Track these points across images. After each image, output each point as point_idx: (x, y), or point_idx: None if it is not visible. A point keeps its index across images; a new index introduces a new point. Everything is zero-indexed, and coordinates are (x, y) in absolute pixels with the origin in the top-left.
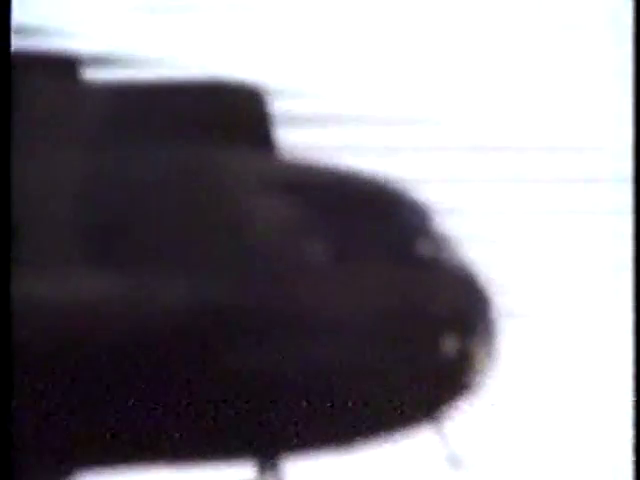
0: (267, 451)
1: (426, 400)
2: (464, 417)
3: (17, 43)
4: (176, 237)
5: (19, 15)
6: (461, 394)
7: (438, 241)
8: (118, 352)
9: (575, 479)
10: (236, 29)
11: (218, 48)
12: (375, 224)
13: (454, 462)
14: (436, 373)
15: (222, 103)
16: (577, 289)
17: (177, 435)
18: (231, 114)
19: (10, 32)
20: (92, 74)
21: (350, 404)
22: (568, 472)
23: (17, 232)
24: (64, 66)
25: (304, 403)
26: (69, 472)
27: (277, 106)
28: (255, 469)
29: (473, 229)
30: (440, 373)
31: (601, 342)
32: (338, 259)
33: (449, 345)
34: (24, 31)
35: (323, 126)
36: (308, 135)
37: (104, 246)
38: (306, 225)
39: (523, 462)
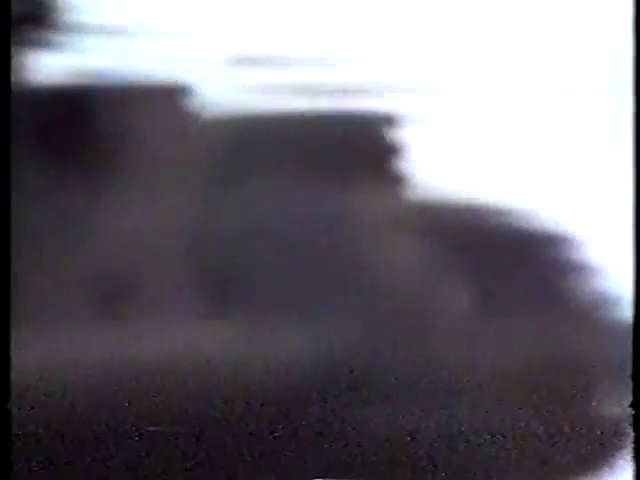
0: None
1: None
2: None
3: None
4: (298, 286)
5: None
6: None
7: (588, 278)
8: (231, 413)
9: None
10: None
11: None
12: (519, 267)
13: None
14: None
15: (352, 135)
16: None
17: None
18: (363, 147)
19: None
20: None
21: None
22: None
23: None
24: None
25: (432, 469)
26: None
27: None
28: None
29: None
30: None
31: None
32: (481, 310)
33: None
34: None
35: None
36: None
37: (221, 297)
38: (446, 271)
39: None
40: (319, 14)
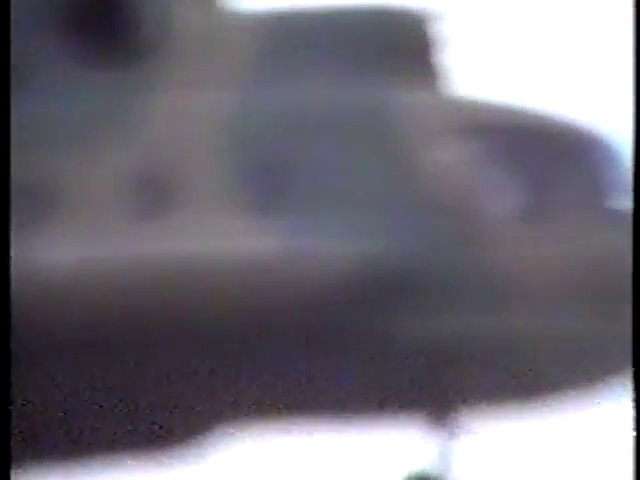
0: (443, 413)
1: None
2: None
3: None
4: (342, 181)
5: None
6: None
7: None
8: (288, 306)
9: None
10: None
11: None
12: (565, 171)
13: None
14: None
15: (387, 32)
16: None
17: (355, 391)
18: (398, 43)
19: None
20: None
21: (533, 369)
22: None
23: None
24: None
25: (485, 367)
26: None
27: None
28: (431, 431)
29: None
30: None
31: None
32: (529, 212)
33: None
34: None
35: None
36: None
37: (264, 192)
38: (492, 173)
39: None
40: None
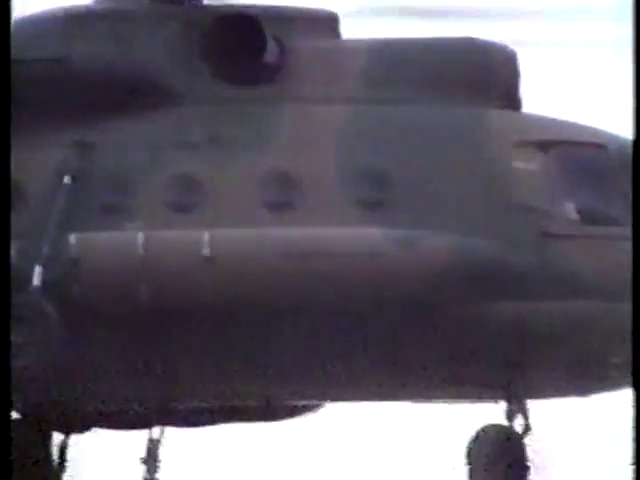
0: (515, 392)
1: None
2: None
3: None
4: (435, 189)
5: None
6: None
7: None
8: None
9: None
10: None
11: None
12: (622, 185)
13: None
14: None
15: (475, 63)
16: None
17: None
18: (485, 74)
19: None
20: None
21: (592, 355)
22: None
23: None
24: (323, 22)
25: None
26: None
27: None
28: (505, 410)
29: None
30: None
31: None
32: (589, 221)
33: None
34: None
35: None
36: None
37: (367, 196)
38: (562, 186)
39: None
40: None
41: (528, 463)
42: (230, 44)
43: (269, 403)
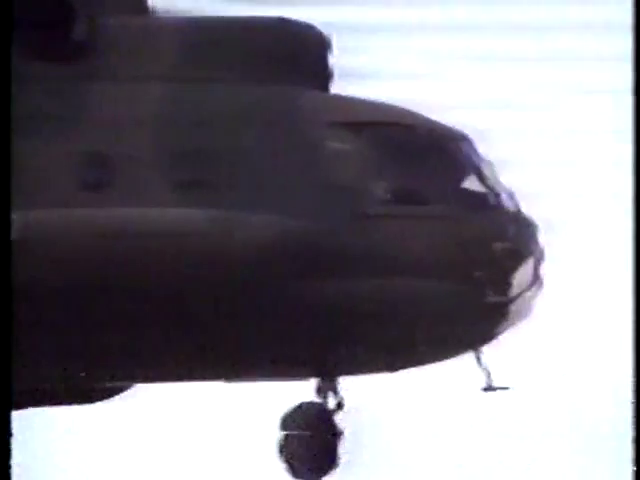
0: (328, 370)
1: (474, 329)
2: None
3: None
4: (252, 170)
5: None
6: (508, 324)
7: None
8: (205, 277)
9: None
10: None
11: None
12: (435, 164)
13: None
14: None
15: (288, 42)
16: None
17: (252, 352)
18: (296, 53)
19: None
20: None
21: (404, 332)
22: None
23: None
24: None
25: (362, 326)
26: None
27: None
28: (317, 387)
29: None
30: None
31: None
32: (401, 200)
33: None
34: None
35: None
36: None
37: (186, 176)
38: (374, 165)
39: None
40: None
41: (340, 439)
42: (37, 19)
43: (86, 385)
